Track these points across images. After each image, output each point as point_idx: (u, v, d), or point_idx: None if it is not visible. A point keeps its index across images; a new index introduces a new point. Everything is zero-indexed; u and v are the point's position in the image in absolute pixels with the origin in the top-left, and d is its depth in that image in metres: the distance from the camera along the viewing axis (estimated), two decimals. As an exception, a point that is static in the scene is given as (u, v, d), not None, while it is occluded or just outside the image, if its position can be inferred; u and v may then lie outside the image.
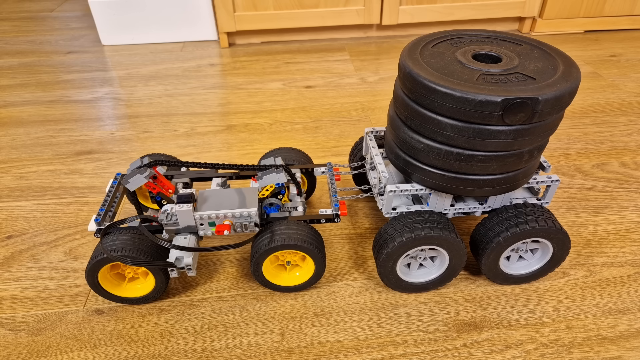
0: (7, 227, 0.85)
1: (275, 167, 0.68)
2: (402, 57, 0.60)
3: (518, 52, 0.62)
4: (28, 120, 1.20)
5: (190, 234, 0.68)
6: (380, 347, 0.64)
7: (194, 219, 0.67)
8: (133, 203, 0.73)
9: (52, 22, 1.90)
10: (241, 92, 1.32)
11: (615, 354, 0.63)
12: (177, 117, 1.20)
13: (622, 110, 1.19)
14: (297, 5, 1.53)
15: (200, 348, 0.64)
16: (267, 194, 0.72)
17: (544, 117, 0.54)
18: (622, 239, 0.81)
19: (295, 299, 0.71)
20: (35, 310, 0.70)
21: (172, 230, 0.68)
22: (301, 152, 0.85)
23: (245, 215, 0.67)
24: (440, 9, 1.57)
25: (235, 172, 0.78)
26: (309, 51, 1.57)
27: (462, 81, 0.55)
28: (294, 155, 0.83)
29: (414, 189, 0.66)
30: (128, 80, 1.40)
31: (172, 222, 0.67)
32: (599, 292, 0.71)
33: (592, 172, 0.97)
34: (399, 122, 0.64)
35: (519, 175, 0.62)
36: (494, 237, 0.65)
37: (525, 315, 0.68)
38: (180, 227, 0.67)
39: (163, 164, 0.66)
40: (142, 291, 0.68)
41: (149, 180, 0.65)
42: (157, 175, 0.67)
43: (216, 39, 1.66)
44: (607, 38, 1.61)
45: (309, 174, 0.82)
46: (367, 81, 1.37)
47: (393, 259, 0.65)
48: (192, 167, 0.72)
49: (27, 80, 1.41)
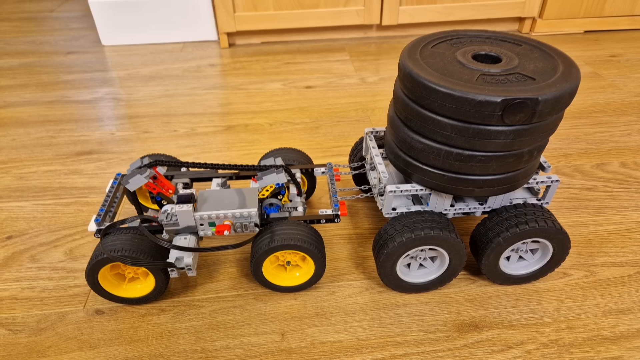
0: (7, 228, 0.85)
1: (275, 168, 0.69)
2: (402, 57, 0.61)
3: (518, 52, 0.62)
4: (28, 120, 1.20)
5: (190, 234, 0.68)
6: (380, 347, 0.64)
7: (194, 219, 0.67)
8: (133, 203, 0.73)
9: (52, 22, 1.90)
10: (241, 93, 1.32)
11: (615, 354, 0.63)
12: (177, 118, 1.20)
13: (622, 111, 1.20)
14: (297, 6, 1.53)
15: (200, 348, 0.64)
16: (267, 195, 0.72)
17: (544, 117, 0.54)
18: (622, 239, 0.81)
19: (295, 299, 0.71)
20: (36, 310, 0.70)
21: (172, 230, 0.68)
22: (301, 153, 0.85)
23: (245, 215, 0.67)
24: (440, 9, 1.57)
25: (235, 172, 0.78)
26: (309, 51, 1.57)
27: (462, 81, 0.55)
28: (294, 156, 0.83)
29: (413, 189, 0.66)
30: (128, 81, 1.40)
31: (172, 223, 0.67)
32: (599, 292, 0.71)
33: (592, 172, 0.97)
34: (398, 122, 0.64)
35: (519, 175, 0.62)
36: (493, 238, 0.65)
37: (525, 316, 0.68)
38: (180, 227, 0.67)
39: (163, 164, 0.66)
40: (142, 291, 0.68)
41: (149, 181, 0.65)
42: (157, 175, 0.67)
43: (216, 40, 1.66)
44: (607, 38, 1.61)
45: (309, 175, 0.82)
46: (367, 81, 1.37)
47: (393, 259, 0.65)
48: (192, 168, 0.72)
49: (27, 81, 1.41)
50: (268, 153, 0.83)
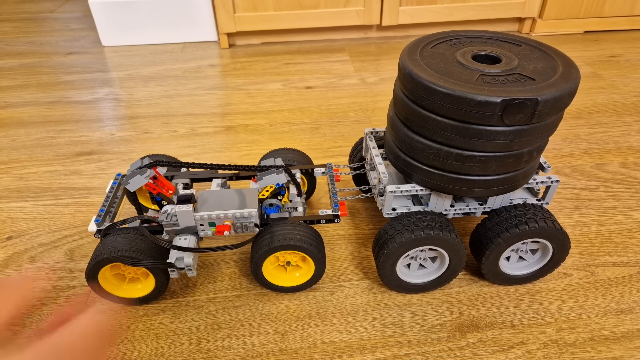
0: (7, 228, 0.85)
1: (275, 168, 0.69)
2: (402, 57, 0.61)
3: (517, 52, 0.62)
4: (28, 121, 1.20)
5: (190, 234, 0.68)
6: (380, 347, 0.64)
7: (194, 220, 0.67)
8: (133, 204, 0.73)
9: (53, 23, 1.90)
10: (241, 93, 1.32)
11: (615, 354, 0.63)
12: (177, 118, 1.20)
13: (622, 111, 1.20)
14: (297, 6, 1.53)
15: (201, 348, 0.64)
16: (267, 195, 0.72)
17: (544, 117, 0.54)
18: (622, 239, 0.81)
19: (295, 299, 0.71)
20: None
21: (172, 230, 0.68)
22: (301, 153, 0.85)
23: (246, 215, 0.67)
24: (440, 9, 1.57)
25: (235, 172, 0.78)
26: (309, 52, 1.57)
27: (462, 82, 0.55)
28: (294, 156, 0.83)
29: (413, 190, 0.66)
30: (128, 81, 1.40)
31: (172, 223, 0.67)
32: (599, 293, 0.71)
33: (592, 172, 0.98)
34: (398, 122, 0.64)
35: (519, 175, 0.62)
36: (493, 238, 0.65)
37: (525, 316, 0.68)
38: (180, 227, 0.67)
39: (163, 164, 0.66)
40: (143, 291, 0.68)
41: (149, 181, 0.65)
42: (157, 175, 0.67)
43: (216, 40, 1.66)
44: (607, 38, 1.61)
45: (309, 175, 0.82)
46: (367, 82, 1.37)
47: (393, 259, 0.65)
48: (192, 168, 0.72)
49: (28, 81, 1.41)
50: (268, 153, 0.83)
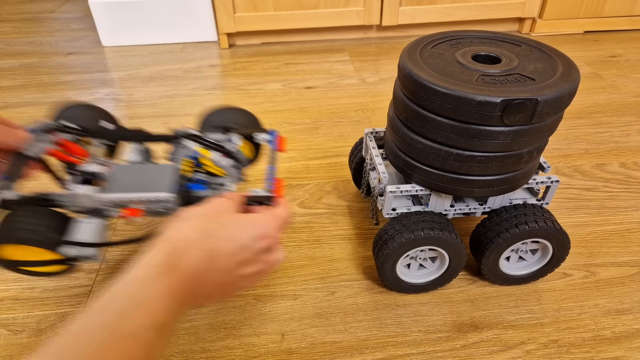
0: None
1: (175, 137, 0.57)
2: (402, 58, 0.61)
3: (517, 52, 0.62)
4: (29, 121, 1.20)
5: (97, 218, 0.58)
6: (380, 347, 0.64)
7: (95, 202, 0.56)
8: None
9: (53, 23, 1.90)
10: (241, 93, 1.32)
11: (615, 354, 0.63)
12: (177, 118, 1.20)
13: (622, 111, 1.20)
14: (297, 6, 1.53)
15: (200, 348, 0.64)
16: (190, 171, 0.62)
17: (544, 117, 0.54)
18: (622, 239, 0.81)
19: (296, 299, 0.71)
20: (36, 311, 0.70)
21: (75, 210, 0.58)
22: (245, 112, 0.73)
23: (161, 199, 0.55)
24: (440, 9, 1.57)
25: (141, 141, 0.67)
26: (309, 52, 1.57)
27: (462, 82, 0.55)
28: (236, 117, 0.70)
29: (413, 190, 0.66)
30: (128, 81, 1.40)
31: (71, 203, 0.57)
32: (599, 293, 0.71)
33: (592, 172, 0.98)
34: (398, 122, 0.64)
35: (519, 175, 0.63)
36: (493, 238, 0.65)
37: (525, 316, 0.68)
38: (83, 209, 0.58)
39: (64, 130, 0.56)
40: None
41: (52, 149, 0.55)
42: (61, 142, 0.57)
43: (216, 40, 1.66)
44: (607, 38, 1.61)
45: (252, 141, 0.70)
46: (367, 82, 1.37)
47: (393, 259, 0.65)
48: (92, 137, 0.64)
49: (28, 82, 1.41)
50: (207, 114, 0.73)
